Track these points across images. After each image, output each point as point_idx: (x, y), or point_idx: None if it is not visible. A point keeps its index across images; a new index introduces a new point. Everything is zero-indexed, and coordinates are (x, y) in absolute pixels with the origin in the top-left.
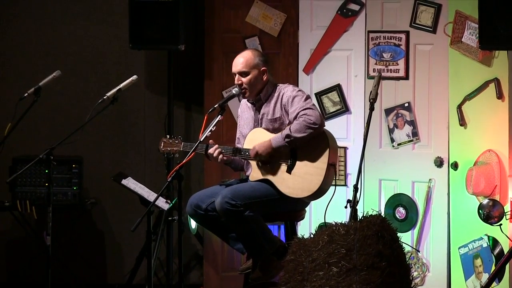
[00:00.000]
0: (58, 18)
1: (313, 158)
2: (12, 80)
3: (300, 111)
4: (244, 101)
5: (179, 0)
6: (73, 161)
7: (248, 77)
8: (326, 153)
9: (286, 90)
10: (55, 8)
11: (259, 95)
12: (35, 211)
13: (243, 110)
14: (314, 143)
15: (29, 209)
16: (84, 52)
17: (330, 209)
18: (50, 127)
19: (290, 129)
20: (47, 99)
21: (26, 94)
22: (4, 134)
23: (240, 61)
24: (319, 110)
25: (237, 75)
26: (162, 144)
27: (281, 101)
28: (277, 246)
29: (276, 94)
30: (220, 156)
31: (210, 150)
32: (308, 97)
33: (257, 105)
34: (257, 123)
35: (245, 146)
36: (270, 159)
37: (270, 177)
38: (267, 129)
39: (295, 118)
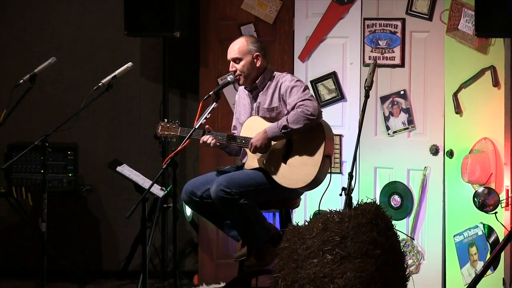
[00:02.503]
0: (53, 5)
1: (309, 149)
2: (7, 67)
3: (298, 102)
4: (241, 88)
5: None
6: (68, 148)
7: (242, 63)
8: (322, 145)
9: (284, 80)
10: None
11: (255, 82)
12: (30, 197)
13: (241, 97)
14: (310, 134)
15: (24, 195)
16: (79, 39)
17: (325, 197)
18: (45, 113)
19: (287, 119)
20: (42, 86)
21: (21, 81)
22: (0, 121)
23: (233, 48)
24: (317, 101)
25: (231, 62)
26: (160, 128)
27: (279, 91)
28: (271, 233)
29: (274, 83)
30: (214, 141)
31: (204, 139)
32: (306, 88)
33: (254, 93)
34: (254, 111)
35: (241, 134)
36: (267, 150)
37: (265, 167)
38: (264, 118)
39: (292, 108)
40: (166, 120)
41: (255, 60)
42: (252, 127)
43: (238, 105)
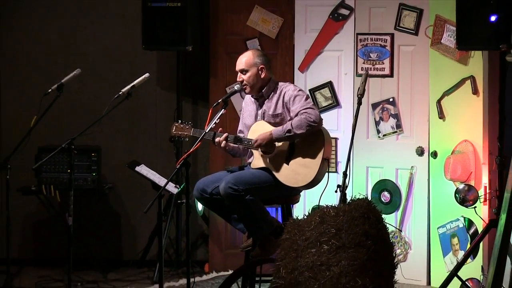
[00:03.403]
0: (79, 21)
1: (309, 153)
2: (36, 78)
3: (302, 110)
4: (248, 96)
5: (187, 5)
6: (92, 150)
7: (248, 74)
8: (322, 149)
9: (288, 89)
10: (76, 13)
11: (261, 91)
12: (58, 194)
13: (247, 103)
14: (311, 138)
15: (53, 193)
16: (101, 52)
17: (323, 194)
18: (71, 119)
19: (291, 124)
20: (68, 95)
21: (50, 90)
22: (30, 126)
23: (241, 61)
24: (317, 109)
25: (239, 73)
26: (174, 128)
27: (283, 99)
28: (274, 226)
29: (278, 92)
30: (224, 142)
31: (217, 139)
32: (308, 97)
33: (260, 100)
34: (259, 117)
35: (248, 136)
36: (271, 150)
37: (269, 166)
38: (269, 123)
39: (296, 115)
40: (180, 121)
41: (260, 71)
42: (258, 130)
43: (244, 112)
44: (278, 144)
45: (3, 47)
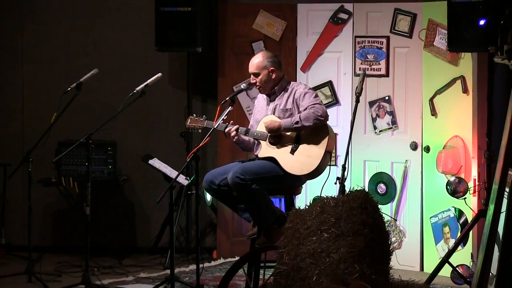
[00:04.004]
0: (96, 25)
1: (314, 145)
2: (57, 77)
3: (310, 104)
4: (261, 94)
5: (197, 10)
6: (108, 145)
7: (260, 77)
8: (325, 142)
9: (299, 87)
10: (94, 17)
11: (274, 89)
12: (76, 186)
13: (259, 101)
14: (316, 132)
15: (71, 184)
16: (117, 53)
17: (322, 185)
18: (89, 116)
19: (300, 116)
20: (86, 93)
21: (69, 88)
22: (51, 122)
23: (253, 63)
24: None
25: (251, 75)
26: (189, 121)
27: (294, 96)
28: (277, 215)
29: (289, 89)
30: (234, 132)
31: (227, 130)
32: (317, 95)
33: (272, 97)
34: (270, 111)
35: (258, 129)
36: (278, 141)
37: (275, 155)
38: (278, 117)
39: (305, 109)
40: (194, 114)
41: (270, 73)
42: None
43: (256, 108)
44: (285, 136)
45: (27, 49)
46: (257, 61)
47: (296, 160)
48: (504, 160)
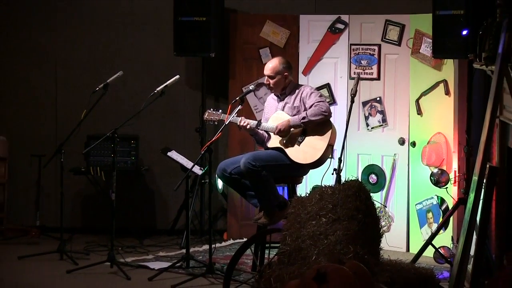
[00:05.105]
0: (121, 32)
1: (318, 138)
2: (86, 78)
3: (316, 102)
4: (271, 95)
5: (211, 20)
6: (131, 138)
7: (274, 80)
8: (328, 136)
9: (305, 89)
10: (120, 25)
11: (284, 90)
12: (103, 174)
13: (269, 101)
14: (321, 127)
15: (99, 173)
16: (140, 57)
17: (321, 175)
18: (114, 113)
19: (306, 113)
20: (113, 92)
21: (97, 88)
22: (81, 118)
23: (269, 67)
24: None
25: (266, 77)
26: (207, 114)
27: (301, 95)
28: (279, 200)
29: (297, 91)
30: (246, 123)
31: (240, 122)
32: (322, 95)
33: (282, 97)
34: (279, 108)
35: (269, 122)
36: (286, 134)
37: (283, 146)
38: (287, 114)
39: (311, 107)
40: (212, 108)
41: (284, 78)
42: (278, 118)
43: (266, 107)
44: (293, 129)
45: (60, 54)
46: (273, 65)
47: (301, 150)
48: (483, 154)
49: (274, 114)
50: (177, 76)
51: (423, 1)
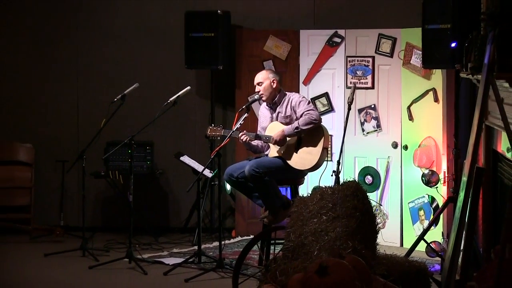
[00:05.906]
0: (137, 46)
1: (313, 144)
2: (105, 89)
3: (305, 111)
4: (264, 104)
5: (218, 35)
6: (147, 144)
7: (263, 85)
8: (322, 141)
9: (294, 96)
10: (135, 40)
11: (274, 100)
12: (121, 178)
13: (263, 112)
14: (314, 133)
15: (117, 176)
16: (154, 70)
17: (322, 177)
18: (131, 121)
19: (298, 123)
20: (129, 102)
21: (115, 99)
22: (101, 126)
23: (258, 76)
24: (317, 111)
25: (256, 86)
26: (209, 130)
27: (291, 104)
28: (283, 201)
29: (286, 99)
30: (246, 138)
31: (241, 136)
32: (309, 102)
33: (274, 107)
34: (273, 119)
35: (266, 133)
36: (283, 143)
37: (283, 155)
38: (281, 123)
39: (301, 115)
40: (213, 124)
41: (272, 83)
42: (274, 128)
43: (260, 117)
44: (288, 138)
45: (81, 66)
46: (261, 74)
47: (299, 157)
48: (472, 156)
49: (270, 124)
50: (188, 87)
51: (413, 16)
